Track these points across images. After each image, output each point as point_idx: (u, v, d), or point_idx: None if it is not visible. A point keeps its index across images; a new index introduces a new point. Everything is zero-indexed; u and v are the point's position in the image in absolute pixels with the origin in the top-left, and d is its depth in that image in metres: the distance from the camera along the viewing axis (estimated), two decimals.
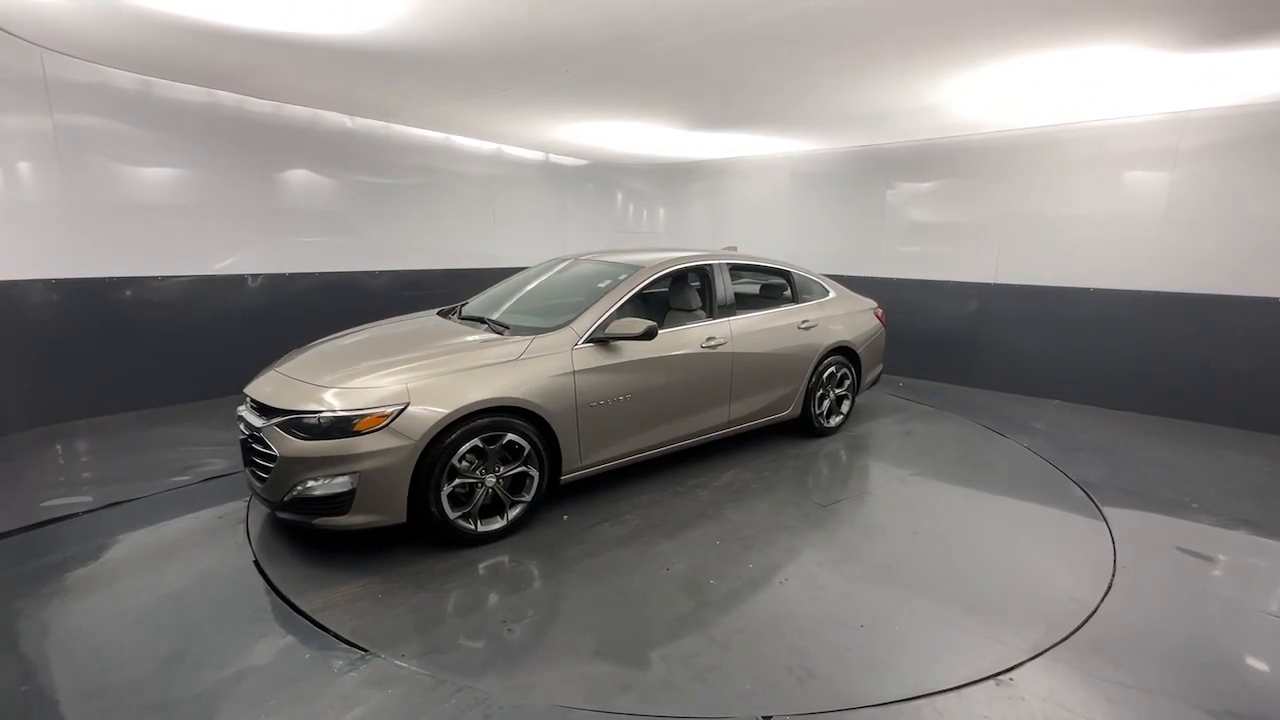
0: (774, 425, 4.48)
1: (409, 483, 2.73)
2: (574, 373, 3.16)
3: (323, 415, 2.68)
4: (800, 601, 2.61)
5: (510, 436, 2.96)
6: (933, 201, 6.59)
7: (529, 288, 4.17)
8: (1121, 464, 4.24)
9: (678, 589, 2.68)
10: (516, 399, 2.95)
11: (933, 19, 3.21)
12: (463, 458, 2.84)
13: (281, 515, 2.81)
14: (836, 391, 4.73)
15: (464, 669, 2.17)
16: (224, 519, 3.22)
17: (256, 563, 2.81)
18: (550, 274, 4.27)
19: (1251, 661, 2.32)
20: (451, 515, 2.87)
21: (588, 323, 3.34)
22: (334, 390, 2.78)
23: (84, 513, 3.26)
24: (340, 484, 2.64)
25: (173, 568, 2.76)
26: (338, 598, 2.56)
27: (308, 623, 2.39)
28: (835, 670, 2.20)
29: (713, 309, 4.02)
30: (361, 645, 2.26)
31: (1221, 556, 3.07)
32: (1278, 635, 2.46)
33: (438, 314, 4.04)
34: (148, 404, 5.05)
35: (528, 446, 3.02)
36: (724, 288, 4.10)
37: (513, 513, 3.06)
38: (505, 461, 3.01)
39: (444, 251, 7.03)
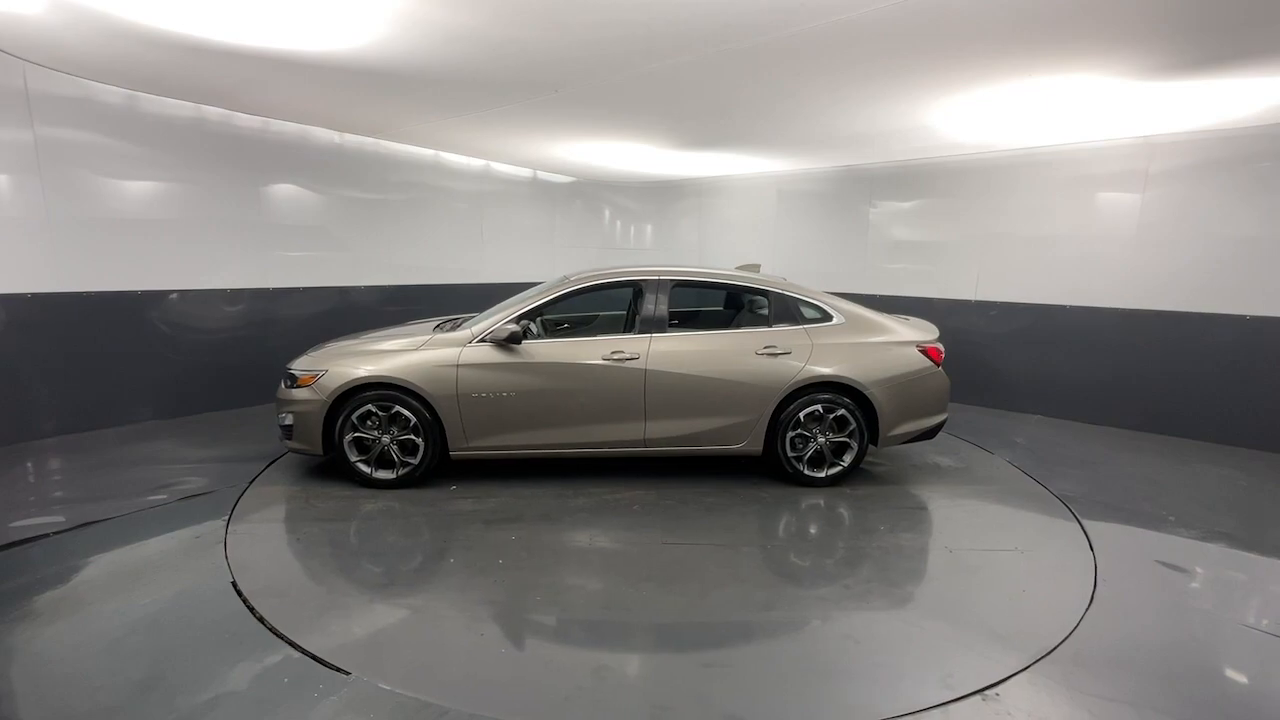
0: (756, 462, 4.22)
1: (322, 427, 3.77)
2: (458, 365, 3.77)
3: (291, 371, 3.89)
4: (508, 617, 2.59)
5: (397, 408, 3.75)
6: (914, 220, 6.73)
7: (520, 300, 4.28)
8: (1101, 478, 4.31)
9: (427, 559, 3.11)
10: (393, 378, 3.72)
11: (918, 48, 3.32)
12: (364, 418, 3.77)
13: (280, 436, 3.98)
14: (832, 437, 3.98)
15: (241, 550, 3.06)
16: (201, 539, 3.14)
17: (235, 584, 2.74)
18: (541, 288, 4.36)
19: (1230, 673, 2.36)
20: (352, 458, 3.81)
21: (482, 325, 3.90)
22: (306, 358, 3.98)
23: (55, 533, 3.17)
24: (288, 419, 3.83)
25: (147, 590, 2.68)
26: (263, 486, 3.86)
27: (287, 646, 2.33)
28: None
29: (635, 323, 4.03)
30: (343, 668, 2.21)
31: (1199, 569, 3.12)
32: (1255, 647, 2.50)
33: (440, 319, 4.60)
34: (125, 421, 4.95)
35: (413, 419, 3.75)
36: (654, 303, 3.97)
37: (402, 470, 3.83)
38: (404, 429, 3.81)
39: (432, 267, 7.02)
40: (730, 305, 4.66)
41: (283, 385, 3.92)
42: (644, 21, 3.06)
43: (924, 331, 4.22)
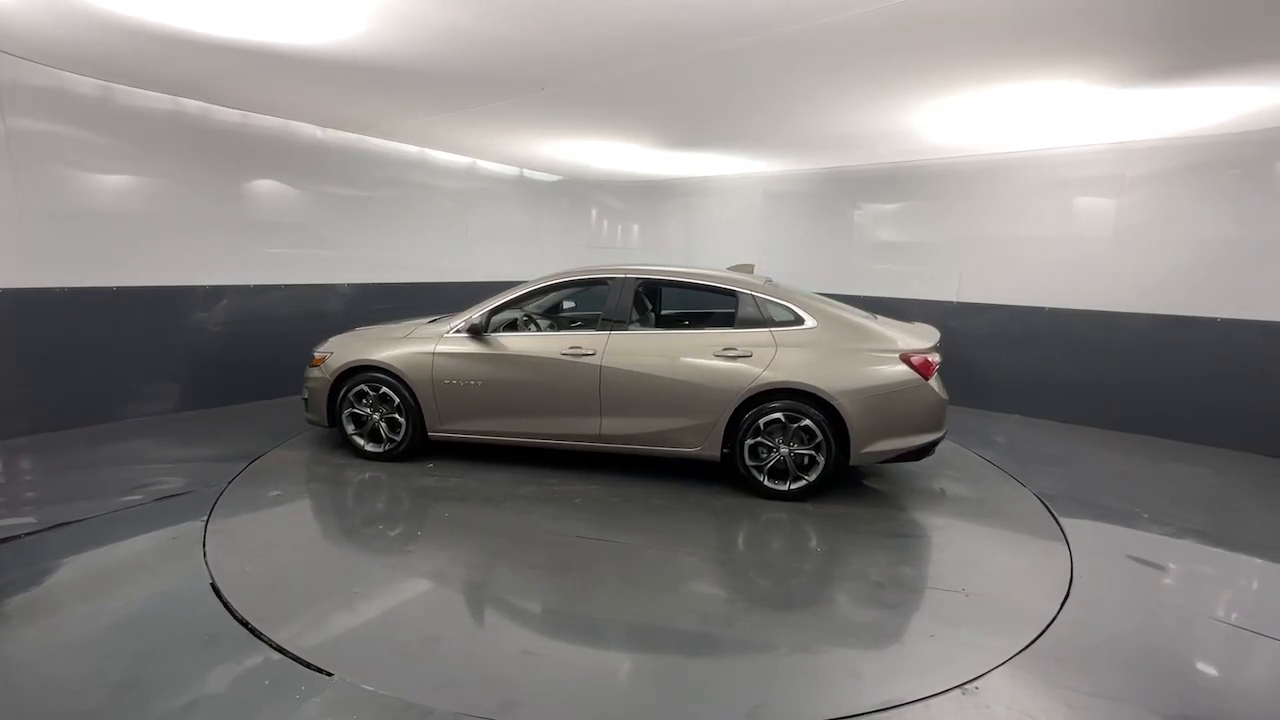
0: (728, 470, 3.90)
1: (326, 402, 4.26)
2: (434, 354, 4.10)
3: (313, 351, 4.42)
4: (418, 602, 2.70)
5: (385, 390, 4.16)
6: (898, 222, 6.81)
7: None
8: (1077, 476, 4.40)
9: (366, 526, 3.46)
10: (379, 362, 4.14)
11: (903, 51, 3.36)
12: (360, 396, 4.22)
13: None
14: (796, 449, 3.67)
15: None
16: (179, 540, 3.09)
17: (214, 585, 2.70)
18: (521, 285, 4.39)
19: (1201, 666, 2.42)
20: (349, 432, 4.28)
21: (460, 318, 4.17)
22: (329, 341, 4.45)
23: (27, 534, 3.09)
24: (306, 393, 4.37)
25: (123, 592, 2.63)
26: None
27: (268, 647, 2.30)
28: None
29: (597, 320, 4.10)
30: (325, 669, 2.19)
31: (1171, 565, 3.20)
32: (1225, 640, 2.57)
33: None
34: (99, 420, 4.84)
35: (397, 400, 4.15)
36: (618, 300, 3.98)
37: (387, 446, 4.23)
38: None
39: (417, 265, 6.96)
40: (708, 305, 4.68)
41: (309, 365, 4.41)
42: (630, 21, 3.06)
43: (915, 338, 3.73)
